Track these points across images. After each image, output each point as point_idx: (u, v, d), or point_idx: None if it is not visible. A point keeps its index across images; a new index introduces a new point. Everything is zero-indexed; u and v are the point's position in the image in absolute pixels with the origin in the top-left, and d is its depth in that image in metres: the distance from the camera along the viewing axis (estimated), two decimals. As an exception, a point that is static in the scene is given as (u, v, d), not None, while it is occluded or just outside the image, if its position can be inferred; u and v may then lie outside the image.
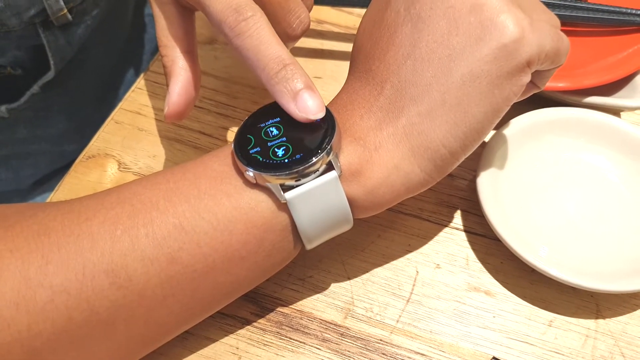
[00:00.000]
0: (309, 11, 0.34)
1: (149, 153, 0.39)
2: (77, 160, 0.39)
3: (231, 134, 0.40)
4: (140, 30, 0.56)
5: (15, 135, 0.50)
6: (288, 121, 0.28)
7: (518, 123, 0.37)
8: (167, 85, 0.32)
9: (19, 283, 0.25)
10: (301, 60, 0.44)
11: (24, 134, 0.50)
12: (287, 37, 0.32)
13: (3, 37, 0.42)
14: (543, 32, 0.27)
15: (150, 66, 0.44)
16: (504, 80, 0.27)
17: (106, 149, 0.40)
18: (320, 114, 0.27)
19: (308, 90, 0.27)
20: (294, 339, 0.32)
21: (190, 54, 0.32)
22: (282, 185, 0.27)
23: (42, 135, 0.51)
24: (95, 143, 0.40)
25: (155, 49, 0.57)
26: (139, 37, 0.56)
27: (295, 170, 0.26)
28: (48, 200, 0.38)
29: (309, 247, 0.29)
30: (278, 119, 0.29)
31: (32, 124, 0.49)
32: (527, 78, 0.28)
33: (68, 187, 0.38)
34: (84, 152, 0.39)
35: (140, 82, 0.43)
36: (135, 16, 0.55)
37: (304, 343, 0.32)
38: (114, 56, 0.53)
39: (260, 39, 0.28)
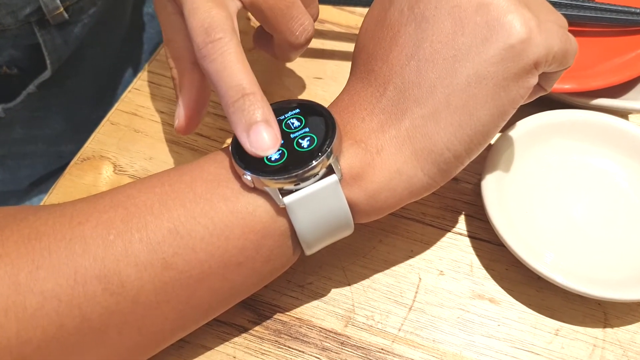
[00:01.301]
0: (314, 19, 0.33)
1: (145, 155, 0.39)
2: (72, 162, 0.38)
3: (229, 136, 0.39)
4: (138, 30, 0.56)
5: (11, 136, 0.49)
6: (287, 124, 0.28)
7: (524, 125, 0.36)
8: (177, 97, 0.31)
9: (8, 289, 0.24)
10: (301, 61, 0.43)
11: (20, 134, 0.49)
12: (290, 45, 0.32)
13: (-2, 36, 0.41)
14: (551, 33, 0.26)
15: (147, 66, 0.43)
16: (510, 82, 0.26)
17: (101, 151, 0.39)
18: (271, 151, 0.26)
19: (264, 124, 0.26)
20: (292, 348, 0.31)
21: (199, 65, 0.31)
22: (280, 190, 0.26)
23: (39, 135, 0.50)
24: (91, 145, 0.39)
25: (154, 49, 0.56)
26: (137, 36, 0.56)
27: (294, 174, 0.26)
28: (42, 203, 0.37)
29: (308, 252, 0.29)
30: (277, 122, 0.28)
31: (29, 124, 0.49)
32: (534, 80, 0.27)
33: (62, 190, 0.37)
34: (78, 154, 0.39)
35: (137, 82, 0.42)
36: (134, 15, 0.54)
37: (303, 352, 0.31)
38: (112, 56, 0.53)
39: (224, 64, 0.27)
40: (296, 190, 0.26)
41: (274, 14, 0.31)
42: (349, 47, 0.44)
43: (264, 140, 0.26)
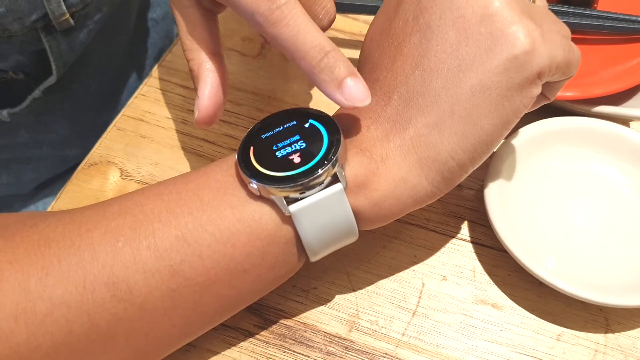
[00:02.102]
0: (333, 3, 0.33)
1: (152, 160, 0.39)
2: (79, 168, 0.39)
3: (234, 142, 0.40)
4: (143, 35, 0.56)
5: (16, 140, 0.49)
6: (292, 132, 0.28)
7: (526, 132, 0.36)
8: (195, 89, 0.31)
9: (19, 295, 0.25)
10: (306, 67, 0.43)
11: (25, 138, 0.50)
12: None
13: (5, 42, 0.41)
14: (554, 44, 0.27)
15: (153, 72, 0.43)
16: (514, 92, 0.26)
17: (108, 157, 0.39)
18: (367, 101, 0.26)
19: (352, 77, 0.26)
20: (297, 352, 0.31)
21: (217, 56, 0.31)
22: (286, 198, 0.26)
23: (44, 139, 0.50)
24: (98, 150, 0.39)
25: (159, 55, 0.56)
26: (142, 42, 0.56)
27: (300, 182, 0.26)
28: (49, 208, 0.37)
29: (313, 259, 0.29)
30: (282, 129, 0.28)
31: (34, 128, 0.49)
32: (537, 90, 0.27)
33: (70, 195, 0.37)
34: (86, 160, 0.39)
35: (143, 88, 0.42)
36: (139, 21, 0.55)
37: (308, 356, 0.31)
38: (117, 61, 0.53)
39: (297, 26, 0.26)
40: (301, 198, 0.27)
41: None
42: (353, 54, 0.44)
43: (358, 92, 0.26)
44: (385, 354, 0.31)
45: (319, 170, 0.26)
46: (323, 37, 0.27)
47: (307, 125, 0.28)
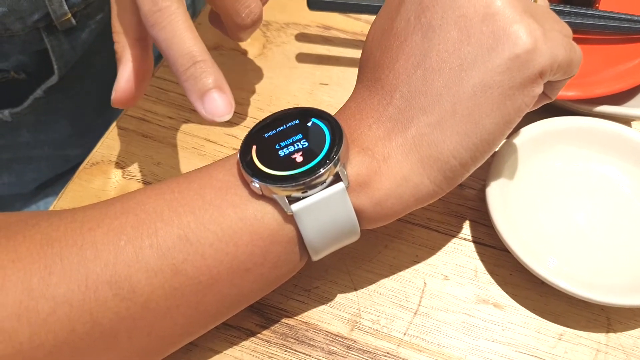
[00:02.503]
0: (265, 2, 0.34)
1: (154, 160, 0.39)
2: (80, 167, 0.39)
3: (236, 141, 0.40)
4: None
5: (18, 140, 0.49)
6: (294, 131, 0.28)
7: (528, 132, 0.36)
8: (117, 71, 0.32)
9: (21, 294, 0.25)
10: (307, 67, 0.43)
11: (27, 138, 0.50)
12: (237, 27, 0.32)
13: (7, 42, 0.41)
14: (556, 43, 0.27)
15: (155, 72, 0.43)
16: (516, 91, 0.26)
17: (110, 156, 0.39)
18: (226, 117, 0.26)
19: (217, 90, 0.27)
20: (299, 352, 0.31)
21: (142, 41, 0.32)
22: (288, 197, 0.26)
23: (45, 139, 0.51)
24: (99, 150, 0.39)
25: (161, 56, 0.56)
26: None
27: (302, 181, 0.26)
28: (51, 207, 0.37)
29: (315, 258, 0.29)
30: (284, 128, 0.28)
31: (35, 128, 0.49)
32: (539, 89, 0.27)
33: (71, 195, 0.37)
34: (87, 159, 0.39)
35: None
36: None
37: (310, 356, 0.31)
38: (118, 61, 0.53)
39: (173, 31, 0.27)
40: (304, 197, 0.27)
41: None
42: (355, 53, 0.44)
43: (218, 106, 0.27)
44: (387, 353, 0.31)
45: (321, 169, 0.26)
46: (197, 46, 0.27)
47: (309, 124, 0.28)
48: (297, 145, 0.28)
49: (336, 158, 0.26)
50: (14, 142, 0.50)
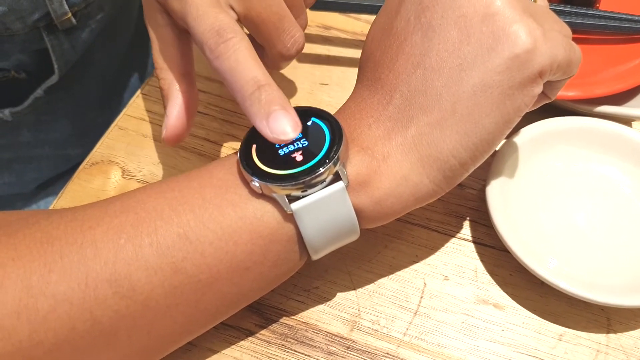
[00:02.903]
0: (303, 29, 0.34)
1: (153, 160, 0.39)
2: (80, 167, 0.39)
3: (236, 141, 0.40)
4: (145, 35, 0.55)
5: (18, 139, 0.49)
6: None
7: (528, 132, 0.36)
8: (165, 108, 0.32)
9: (21, 292, 0.25)
10: (307, 67, 0.43)
11: (27, 137, 0.50)
12: (281, 57, 0.33)
13: (7, 41, 0.41)
14: (555, 43, 0.27)
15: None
16: (515, 91, 0.27)
17: (110, 156, 0.39)
18: (292, 135, 0.26)
19: (282, 111, 0.27)
20: (298, 352, 0.31)
21: (187, 77, 0.32)
22: (288, 196, 0.26)
23: (46, 139, 0.51)
24: (99, 149, 0.39)
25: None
26: (143, 41, 0.56)
27: (301, 180, 0.26)
28: (51, 206, 0.37)
29: (315, 257, 0.29)
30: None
31: (36, 127, 0.49)
32: (538, 89, 0.27)
33: (71, 194, 0.37)
34: (87, 159, 0.39)
35: (145, 87, 0.43)
36: (140, 20, 0.55)
37: (309, 356, 0.31)
38: (118, 61, 0.53)
39: (237, 60, 0.27)
40: (303, 196, 0.27)
41: (267, 27, 0.32)
42: (355, 53, 0.44)
43: (284, 125, 0.26)
44: (387, 353, 0.31)
45: (321, 168, 0.26)
46: (260, 71, 0.28)
47: (309, 123, 0.28)
48: (297, 144, 0.28)
49: (336, 157, 0.26)
50: (14, 142, 0.50)
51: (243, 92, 0.27)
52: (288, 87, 0.43)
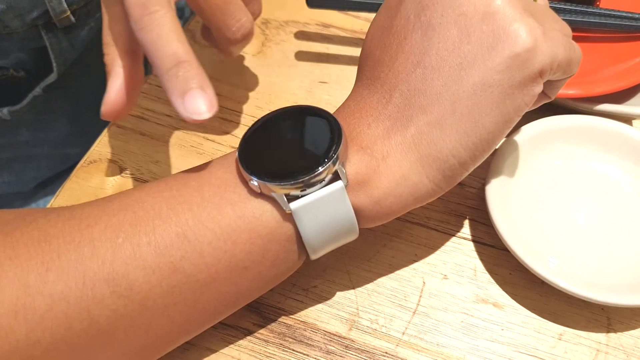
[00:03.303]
0: (256, 16, 0.34)
1: (152, 159, 0.39)
2: (78, 165, 0.39)
3: (235, 140, 0.40)
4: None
5: (17, 138, 0.49)
6: (293, 129, 0.28)
7: (528, 131, 0.36)
8: (107, 83, 0.31)
9: (18, 290, 0.25)
10: (306, 65, 0.43)
11: (26, 136, 0.50)
12: (228, 41, 0.33)
13: (5, 39, 0.41)
14: (556, 42, 0.27)
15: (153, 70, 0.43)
16: (515, 90, 0.26)
17: (108, 154, 0.39)
18: (206, 115, 0.26)
19: (198, 89, 0.27)
20: (297, 351, 0.31)
21: (133, 54, 0.31)
22: (287, 195, 0.26)
23: (45, 138, 0.50)
24: (97, 148, 0.39)
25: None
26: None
27: (300, 180, 0.26)
28: (49, 205, 0.37)
29: (313, 257, 0.29)
30: (283, 127, 0.28)
31: (35, 126, 0.49)
32: (539, 88, 0.27)
33: (69, 193, 0.37)
34: (85, 157, 0.39)
35: (144, 86, 0.42)
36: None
37: (308, 355, 0.31)
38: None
39: (159, 34, 0.27)
40: (302, 195, 0.26)
41: (212, 9, 0.32)
42: (354, 51, 0.44)
43: (198, 105, 0.26)
44: (386, 353, 0.31)
45: (320, 167, 0.26)
46: (183, 47, 0.27)
47: (308, 122, 0.28)
48: (296, 143, 0.27)
49: (335, 156, 0.26)
50: (13, 141, 0.49)
51: (162, 66, 0.27)
52: (287, 85, 0.42)
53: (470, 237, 0.35)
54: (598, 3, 0.42)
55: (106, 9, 0.32)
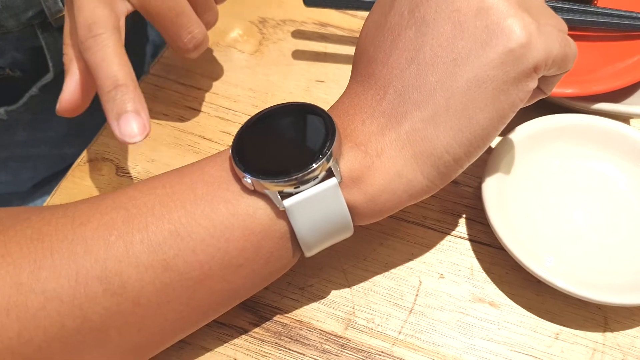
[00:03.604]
0: (211, 26, 0.37)
1: (148, 157, 0.39)
2: (74, 164, 0.39)
3: (231, 138, 0.39)
4: (140, 34, 0.56)
5: (14, 138, 0.49)
6: (287, 127, 0.28)
7: (525, 129, 0.36)
8: (64, 82, 0.34)
9: (10, 288, 0.24)
10: (303, 64, 0.43)
11: (23, 136, 0.49)
12: (180, 50, 0.35)
13: (1, 39, 0.41)
14: (550, 37, 0.26)
15: (150, 69, 0.43)
16: (510, 86, 0.26)
17: (104, 153, 0.39)
18: (138, 138, 0.28)
19: (133, 113, 0.29)
20: (292, 350, 0.31)
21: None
22: (280, 192, 0.26)
23: (42, 138, 0.50)
24: (93, 147, 0.39)
25: (156, 52, 0.56)
26: (139, 40, 0.56)
27: (294, 177, 0.26)
28: (45, 204, 0.37)
29: (308, 254, 0.29)
30: (277, 124, 0.28)
31: (31, 126, 0.49)
32: (533, 84, 0.27)
33: (65, 192, 0.37)
34: (81, 156, 0.39)
35: (140, 85, 0.42)
36: (135, 19, 0.55)
37: (303, 354, 0.31)
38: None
39: (103, 56, 0.30)
40: (296, 193, 0.26)
41: (163, 21, 0.34)
42: (351, 50, 0.44)
43: (132, 128, 0.29)
44: (382, 352, 0.31)
45: (314, 164, 0.26)
46: (123, 71, 0.30)
47: (302, 119, 0.28)
48: (290, 140, 0.27)
49: (329, 153, 0.26)
50: (10, 141, 0.49)
51: (102, 88, 0.30)
52: (284, 84, 0.42)
53: (466, 236, 0.35)
54: (596, 2, 0.42)
55: (68, 12, 0.34)
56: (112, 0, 0.32)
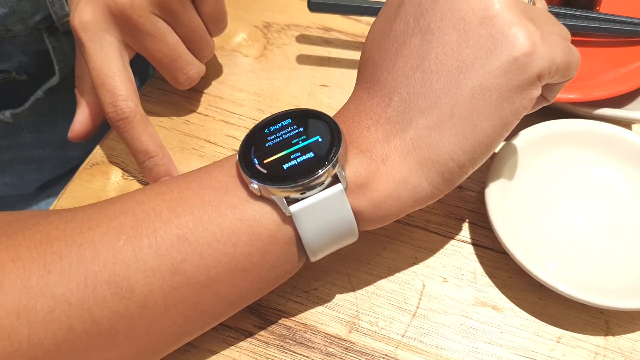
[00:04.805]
0: (208, 58, 0.40)
1: (154, 161, 0.39)
2: (81, 168, 0.39)
3: (236, 143, 0.40)
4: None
5: (19, 140, 0.49)
6: (293, 132, 0.28)
7: (528, 135, 0.36)
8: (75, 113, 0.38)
9: (20, 292, 0.25)
10: (307, 69, 0.44)
11: (28, 139, 0.50)
12: (177, 85, 0.39)
13: (8, 43, 0.42)
14: (554, 45, 0.27)
15: (155, 73, 0.43)
16: (514, 94, 0.27)
17: (110, 157, 0.39)
18: None
19: (166, 177, 0.36)
20: (297, 353, 0.31)
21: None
22: (287, 198, 0.26)
23: (46, 140, 0.51)
24: (100, 150, 0.40)
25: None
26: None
27: (300, 183, 0.26)
28: (52, 207, 0.37)
29: (313, 259, 0.29)
30: (283, 131, 0.28)
31: (36, 129, 0.49)
32: (537, 92, 0.27)
33: (71, 195, 0.37)
34: (88, 159, 0.39)
35: (146, 89, 0.43)
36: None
37: (308, 357, 0.31)
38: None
39: (132, 135, 0.35)
40: (302, 198, 0.27)
41: (160, 65, 0.38)
42: (355, 55, 0.44)
43: None
44: (385, 355, 0.31)
45: (320, 170, 0.26)
46: (152, 143, 0.35)
47: (308, 125, 0.28)
48: (296, 146, 0.28)
49: (335, 159, 0.27)
50: (15, 143, 0.50)
51: (137, 159, 0.36)
52: (288, 89, 0.43)
53: (469, 240, 0.35)
54: (598, 8, 0.42)
55: (78, 49, 0.37)
56: (123, 48, 0.36)
